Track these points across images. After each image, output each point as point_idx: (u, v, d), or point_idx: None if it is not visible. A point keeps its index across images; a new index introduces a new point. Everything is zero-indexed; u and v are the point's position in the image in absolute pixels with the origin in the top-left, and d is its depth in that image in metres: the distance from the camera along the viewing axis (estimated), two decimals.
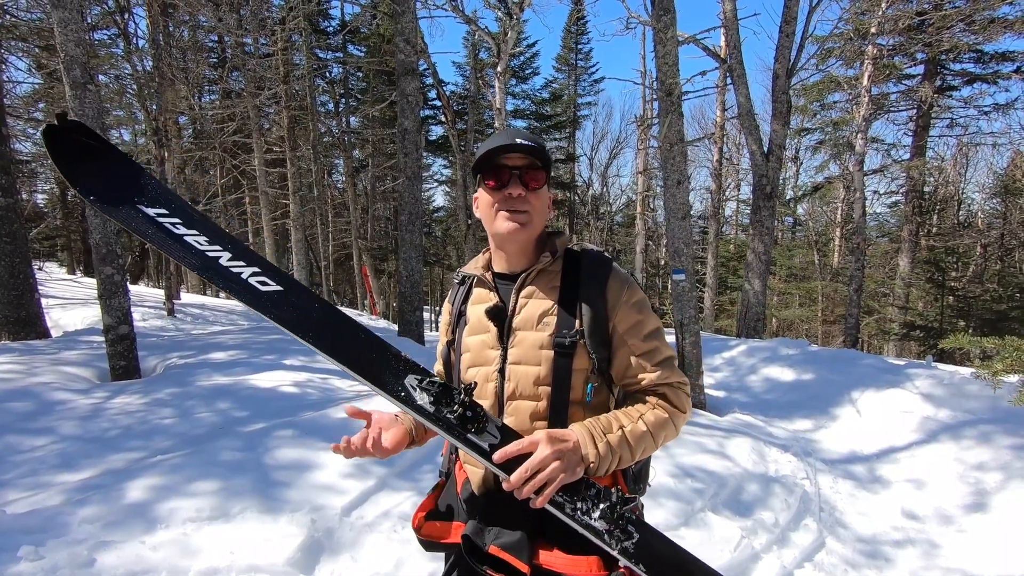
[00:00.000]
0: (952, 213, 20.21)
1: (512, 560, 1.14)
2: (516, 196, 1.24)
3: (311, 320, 1.13)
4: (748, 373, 6.78)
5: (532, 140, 1.24)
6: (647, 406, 1.25)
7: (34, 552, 2.27)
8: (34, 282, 6.54)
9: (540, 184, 1.26)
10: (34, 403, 3.88)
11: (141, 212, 1.10)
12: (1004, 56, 13.47)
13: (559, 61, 25.51)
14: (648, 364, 1.26)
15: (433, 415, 1.10)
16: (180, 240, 1.11)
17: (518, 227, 1.25)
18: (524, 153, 1.23)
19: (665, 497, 3.31)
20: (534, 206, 1.26)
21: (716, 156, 19.47)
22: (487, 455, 1.10)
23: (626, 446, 1.17)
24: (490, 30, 12.12)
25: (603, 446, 1.15)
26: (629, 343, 1.26)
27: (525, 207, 1.25)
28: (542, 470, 1.07)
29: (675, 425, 1.26)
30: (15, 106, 11.39)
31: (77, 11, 4.43)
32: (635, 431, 1.20)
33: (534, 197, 1.25)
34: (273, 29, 13.79)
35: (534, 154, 1.23)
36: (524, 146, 1.21)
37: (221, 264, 1.12)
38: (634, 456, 1.19)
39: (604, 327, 1.26)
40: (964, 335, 3.56)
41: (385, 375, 1.12)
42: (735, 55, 8.68)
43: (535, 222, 1.27)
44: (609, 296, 1.27)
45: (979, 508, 3.68)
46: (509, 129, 1.29)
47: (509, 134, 1.25)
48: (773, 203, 8.85)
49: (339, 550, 2.56)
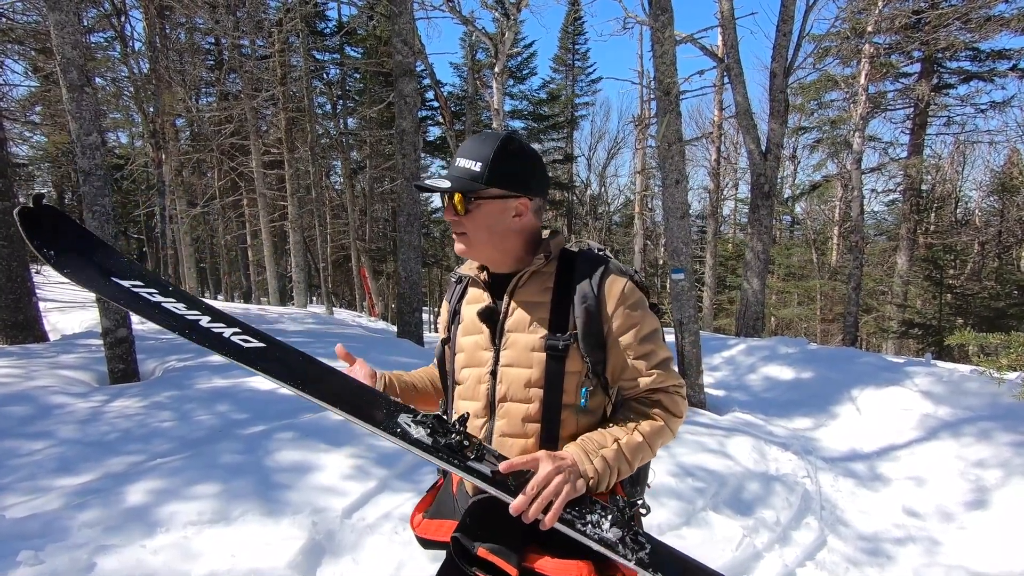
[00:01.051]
0: (950, 211, 20.27)
1: (501, 563, 1.13)
2: (452, 220, 1.29)
3: (296, 371, 1.17)
4: (747, 372, 6.78)
5: (455, 173, 1.25)
6: (641, 415, 1.24)
7: (34, 557, 2.26)
8: (32, 285, 6.53)
9: (472, 207, 1.26)
10: (32, 407, 3.87)
11: (115, 284, 1.15)
12: (1000, 54, 13.51)
13: (556, 61, 25.52)
14: (643, 368, 1.25)
15: (432, 447, 1.12)
16: (158, 307, 1.15)
17: (462, 247, 1.31)
18: (440, 191, 1.25)
19: (666, 496, 3.31)
20: (469, 227, 1.27)
21: (714, 155, 19.50)
22: (490, 480, 1.11)
23: (623, 459, 1.18)
24: (487, 31, 12.12)
25: (599, 462, 1.15)
26: (623, 345, 1.24)
27: (461, 229, 1.29)
28: (547, 486, 1.08)
29: (671, 430, 1.26)
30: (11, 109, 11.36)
31: (74, 14, 4.41)
32: (631, 443, 1.20)
33: (467, 219, 1.26)
34: (270, 31, 13.78)
35: (454, 188, 1.24)
36: (427, 188, 1.25)
37: (202, 325, 1.16)
38: (632, 467, 1.20)
39: (598, 329, 1.24)
40: (969, 331, 3.57)
41: (378, 415, 1.14)
42: (732, 54, 8.69)
43: (474, 241, 1.29)
44: (603, 297, 1.25)
45: (980, 505, 3.68)
46: (459, 148, 1.30)
47: (454, 160, 1.28)
48: (771, 202, 8.86)
49: (340, 552, 2.56)
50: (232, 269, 24.20)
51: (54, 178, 20.16)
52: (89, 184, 4.48)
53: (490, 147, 1.24)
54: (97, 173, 4.50)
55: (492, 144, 1.24)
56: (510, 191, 1.26)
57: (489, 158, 1.23)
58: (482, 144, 1.25)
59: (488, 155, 1.23)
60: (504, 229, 1.28)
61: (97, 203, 4.51)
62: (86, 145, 4.44)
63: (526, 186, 1.28)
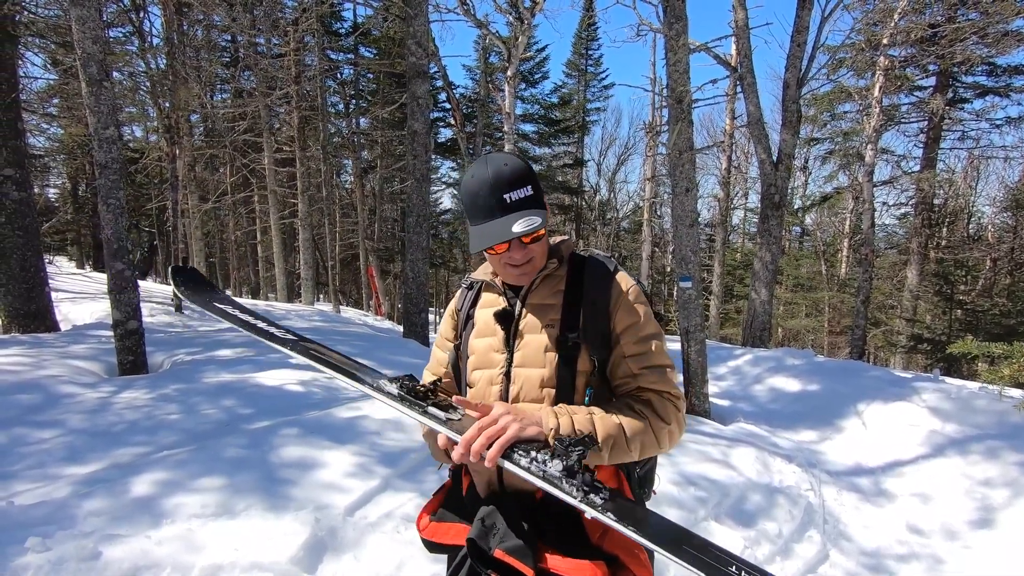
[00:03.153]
0: (962, 226, 20.08)
1: (518, 564, 1.14)
2: (520, 255, 1.27)
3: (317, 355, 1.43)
4: (753, 382, 6.75)
5: (523, 215, 1.19)
6: (626, 407, 1.22)
7: (41, 543, 2.29)
8: (45, 276, 6.60)
9: (539, 235, 1.26)
10: (42, 396, 3.92)
11: (215, 306, 1.64)
12: (1017, 70, 13.42)
13: (569, 67, 25.55)
14: (636, 367, 1.25)
15: (396, 396, 1.22)
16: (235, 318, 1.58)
17: (528, 275, 1.31)
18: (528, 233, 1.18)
19: (668, 505, 3.30)
20: (535, 252, 1.28)
21: (725, 164, 19.44)
22: (443, 423, 1.16)
23: (593, 432, 1.15)
24: (501, 34, 12.15)
25: (565, 420, 1.14)
26: (623, 343, 1.26)
27: (532, 256, 1.28)
28: (493, 424, 1.09)
29: (655, 435, 1.21)
30: (30, 101, 11.51)
31: (95, 9, 4.48)
32: (605, 420, 1.18)
33: (536, 245, 1.27)
34: (286, 30, 13.91)
35: (541, 223, 1.19)
36: (507, 239, 1.19)
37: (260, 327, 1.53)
38: (599, 447, 1.16)
39: (606, 328, 1.27)
40: (971, 340, 3.55)
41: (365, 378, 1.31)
42: (746, 64, 8.68)
43: (539, 262, 1.31)
44: (611, 296, 1.28)
45: (985, 524, 3.65)
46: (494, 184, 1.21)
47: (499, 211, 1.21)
48: (781, 212, 8.83)
49: (342, 549, 2.57)
50: (241, 265, 24.37)
51: (69, 170, 20.36)
52: (105, 177, 4.54)
53: (523, 167, 1.25)
54: (113, 167, 4.55)
55: (519, 165, 1.25)
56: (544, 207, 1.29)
57: (531, 177, 1.25)
58: (515, 170, 1.23)
59: (528, 174, 1.25)
60: (545, 244, 1.32)
61: (112, 196, 4.57)
62: (103, 139, 4.50)
63: (544, 199, 1.31)
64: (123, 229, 4.66)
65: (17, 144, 6.31)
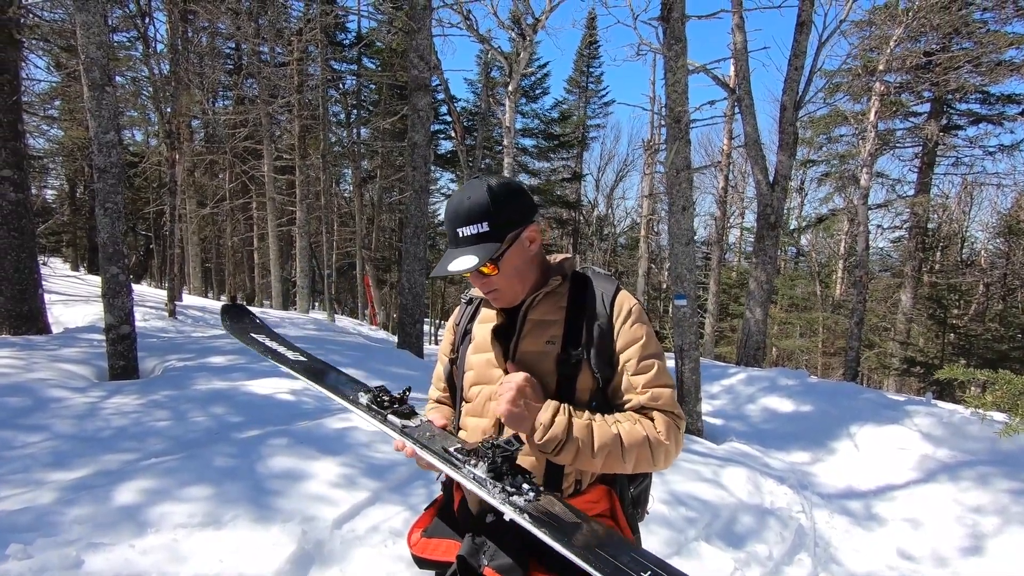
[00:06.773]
0: (955, 251, 20.24)
1: None
2: (482, 283, 1.30)
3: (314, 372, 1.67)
4: (746, 402, 6.75)
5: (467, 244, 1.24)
6: (628, 419, 1.22)
7: (23, 551, 2.25)
8: (39, 278, 6.56)
9: (500, 264, 1.26)
10: (30, 399, 3.88)
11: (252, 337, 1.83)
12: (1010, 98, 13.64)
13: (570, 83, 25.85)
14: (639, 384, 1.25)
15: (365, 406, 1.36)
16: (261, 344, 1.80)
17: (500, 302, 1.34)
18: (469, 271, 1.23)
19: (657, 525, 3.28)
20: (500, 282, 1.29)
21: (722, 184, 19.61)
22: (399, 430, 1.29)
23: (588, 436, 1.17)
24: (503, 50, 12.29)
25: (562, 419, 1.17)
26: (624, 360, 1.26)
27: (492, 287, 1.30)
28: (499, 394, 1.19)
29: (651, 451, 1.20)
30: (31, 102, 11.54)
31: (100, 15, 4.51)
32: (603, 428, 1.18)
33: (498, 277, 1.28)
34: (290, 39, 14.03)
35: (481, 261, 1.22)
36: (452, 272, 1.23)
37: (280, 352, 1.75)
38: (593, 454, 1.16)
39: (610, 346, 1.27)
40: (958, 366, 3.57)
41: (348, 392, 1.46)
42: (744, 86, 8.80)
43: (508, 291, 1.31)
44: (614, 313, 1.29)
45: (975, 552, 3.63)
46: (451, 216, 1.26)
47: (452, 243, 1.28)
48: (777, 233, 8.89)
49: (329, 562, 2.54)
50: (237, 271, 24.30)
51: (68, 172, 20.36)
52: (103, 181, 4.54)
53: (482, 202, 1.23)
54: (112, 171, 4.56)
55: (481, 198, 1.24)
56: (519, 228, 1.27)
57: (488, 212, 1.23)
58: (472, 204, 1.24)
59: (485, 210, 1.23)
60: (526, 264, 1.31)
61: (110, 200, 4.56)
62: (103, 143, 4.51)
63: (527, 215, 1.29)
64: (119, 233, 4.65)
65: (16, 146, 6.31)
